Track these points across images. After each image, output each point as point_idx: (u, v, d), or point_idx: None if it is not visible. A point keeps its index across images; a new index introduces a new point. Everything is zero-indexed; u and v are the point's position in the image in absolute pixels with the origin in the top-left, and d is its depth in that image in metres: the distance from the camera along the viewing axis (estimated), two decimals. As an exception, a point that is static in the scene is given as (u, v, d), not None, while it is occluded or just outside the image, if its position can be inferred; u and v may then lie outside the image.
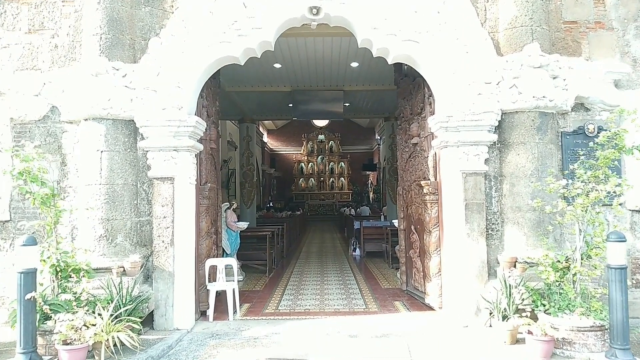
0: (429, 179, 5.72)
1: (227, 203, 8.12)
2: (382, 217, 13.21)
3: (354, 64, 7.92)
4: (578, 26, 5.53)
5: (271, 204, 25.20)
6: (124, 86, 5.11)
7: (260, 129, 26.18)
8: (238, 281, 7.89)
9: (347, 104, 11.13)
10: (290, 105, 10.39)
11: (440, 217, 5.54)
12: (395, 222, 8.06)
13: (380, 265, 9.57)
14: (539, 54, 5.04)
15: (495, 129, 5.19)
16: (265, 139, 28.35)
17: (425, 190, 5.73)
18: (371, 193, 28.06)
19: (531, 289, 4.59)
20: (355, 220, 12.87)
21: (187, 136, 5.12)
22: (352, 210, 20.08)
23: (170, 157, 5.12)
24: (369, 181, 29.15)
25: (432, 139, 5.63)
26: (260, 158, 26.08)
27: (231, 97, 10.20)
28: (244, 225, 8.13)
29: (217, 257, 6.54)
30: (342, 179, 29.10)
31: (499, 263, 5.12)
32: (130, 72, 5.13)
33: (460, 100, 5.09)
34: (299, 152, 29.41)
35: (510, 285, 4.56)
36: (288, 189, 29.23)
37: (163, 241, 5.10)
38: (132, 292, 4.71)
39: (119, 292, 4.60)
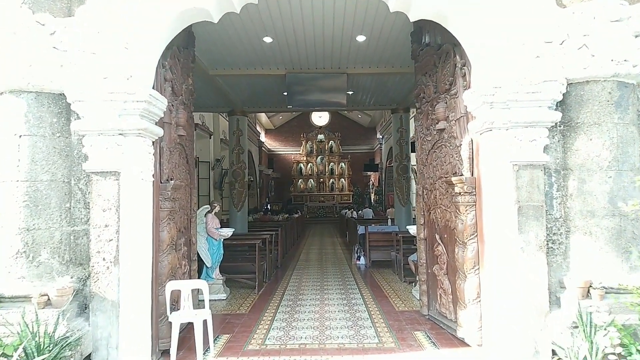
0: (461, 174, 4.36)
1: (208, 206, 6.76)
2: (389, 221, 11.84)
3: (360, 38, 6.53)
4: (662, -30, 4.17)
5: (269, 206, 23.92)
6: (52, 47, 3.75)
7: (258, 128, 24.96)
8: (221, 300, 6.57)
9: (350, 92, 9.76)
10: (285, 94, 9.03)
11: (479, 224, 4.18)
12: (411, 229, 6.71)
13: (389, 277, 8.20)
14: (618, 3, 3.70)
15: (557, 105, 3.83)
16: (263, 138, 27.17)
17: (457, 190, 4.37)
18: (373, 194, 26.82)
19: (620, 327, 3.24)
20: (359, 224, 11.52)
21: (137, 115, 3.75)
22: (354, 212, 18.76)
23: (115, 143, 3.75)
24: (371, 182, 27.99)
25: (468, 121, 4.27)
26: (257, 158, 24.84)
27: (217, 84, 8.83)
28: (227, 232, 6.76)
29: (190, 274, 5.19)
30: (343, 180, 27.96)
31: (563, 287, 3.76)
32: (61, 28, 3.77)
33: (511, 65, 3.73)
34: (297, 152, 28.33)
35: (593, 323, 3.19)
36: (287, 190, 28.11)
37: (104, 259, 3.73)
38: (55, 330, 3.35)
39: (35, 331, 3.25)
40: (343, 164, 27.97)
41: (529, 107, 3.71)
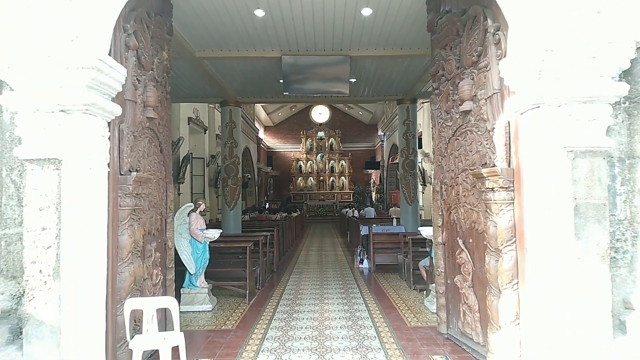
0: (494, 165, 3.53)
1: (191, 204, 5.94)
2: (395, 220, 11.01)
3: (366, 11, 5.67)
4: None
5: (267, 205, 23.14)
6: (-26, -1, 2.93)
7: (257, 125, 24.18)
8: (205, 312, 5.75)
9: (353, 80, 8.91)
10: (281, 81, 8.20)
11: (518, 228, 3.35)
12: (423, 231, 5.88)
13: (396, 284, 7.38)
14: None
15: (621, 75, 3.01)
16: (262, 135, 26.43)
17: (488, 184, 3.53)
18: (374, 193, 26.05)
19: None
20: (361, 224, 10.70)
21: (83, 86, 2.92)
22: (355, 211, 17.94)
23: (55, 123, 2.92)
24: (372, 180, 27.26)
25: (504, 98, 3.44)
26: (256, 155, 24.05)
27: (206, 70, 7.99)
28: (213, 234, 5.92)
29: (164, 285, 4.38)
30: (343, 178, 27.26)
31: (630, 309, 2.94)
32: (-14, -25, 2.95)
33: (564, 24, 2.90)
34: (297, 149, 27.65)
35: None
36: (286, 188, 27.38)
37: (41, 271, 2.90)
38: (-32, 369, 2.53)
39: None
40: (343, 162, 27.30)
41: (588, 78, 2.88)
